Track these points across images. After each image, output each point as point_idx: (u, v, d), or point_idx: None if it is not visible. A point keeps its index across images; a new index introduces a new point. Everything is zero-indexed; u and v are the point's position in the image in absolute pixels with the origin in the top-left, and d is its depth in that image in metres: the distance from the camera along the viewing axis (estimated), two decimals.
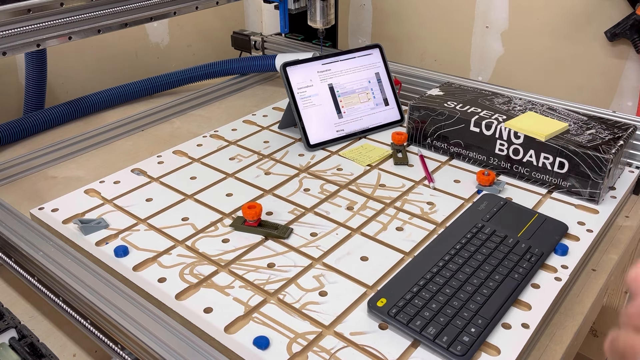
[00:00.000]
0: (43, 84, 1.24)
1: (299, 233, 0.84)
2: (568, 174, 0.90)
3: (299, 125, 1.08)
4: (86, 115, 1.28)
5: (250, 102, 1.35)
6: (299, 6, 1.34)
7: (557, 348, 0.68)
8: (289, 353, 0.63)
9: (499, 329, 0.66)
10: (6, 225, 0.81)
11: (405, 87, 1.28)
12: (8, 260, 0.82)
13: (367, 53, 1.17)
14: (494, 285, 0.71)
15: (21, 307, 0.82)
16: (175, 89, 1.39)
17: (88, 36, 1.07)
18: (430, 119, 1.03)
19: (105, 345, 0.69)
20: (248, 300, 0.71)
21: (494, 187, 0.93)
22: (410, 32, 1.54)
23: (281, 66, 1.08)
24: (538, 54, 1.35)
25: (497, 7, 1.38)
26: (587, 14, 1.26)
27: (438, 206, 0.90)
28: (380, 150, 1.07)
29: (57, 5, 1.00)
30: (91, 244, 0.81)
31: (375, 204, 0.91)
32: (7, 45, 0.96)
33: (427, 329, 0.64)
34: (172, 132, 1.20)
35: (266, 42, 1.54)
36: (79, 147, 1.12)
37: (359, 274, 0.75)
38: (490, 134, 0.97)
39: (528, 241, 0.79)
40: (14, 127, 1.16)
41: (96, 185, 0.96)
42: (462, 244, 0.78)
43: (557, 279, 0.74)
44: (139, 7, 1.13)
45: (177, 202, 0.92)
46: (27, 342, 0.66)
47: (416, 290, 0.70)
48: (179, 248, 0.81)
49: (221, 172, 1.00)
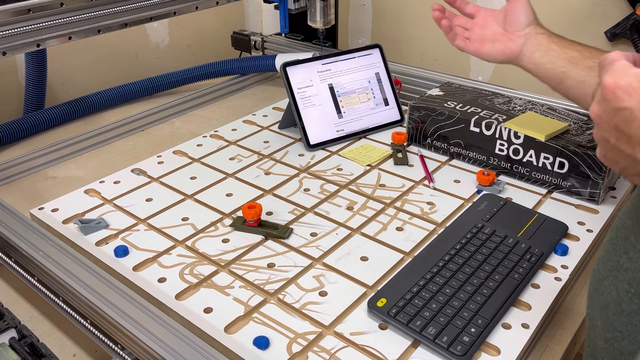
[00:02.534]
0: (43, 84, 1.24)
1: (299, 233, 0.84)
2: (568, 174, 0.90)
3: (299, 125, 1.08)
4: (86, 115, 1.28)
5: (250, 102, 1.35)
6: (299, 6, 1.34)
7: (557, 348, 0.68)
8: (289, 353, 0.63)
9: (499, 329, 0.66)
10: (6, 225, 0.81)
11: (405, 87, 1.28)
12: (8, 260, 0.82)
13: (367, 53, 1.17)
14: (494, 285, 0.71)
15: (21, 307, 0.82)
16: (175, 89, 1.39)
17: (88, 36, 1.07)
18: (430, 119, 1.03)
19: (105, 345, 0.69)
20: (248, 300, 0.71)
21: (494, 187, 0.93)
22: (410, 32, 1.54)
23: (281, 66, 1.08)
24: None
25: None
26: (587, 14, 1.26)
27: (438, 206, 0.90)
28: (380, 150, 1.07)
29: (57, 5, 1.00)
30: (91, 244, 0.81)
31: (375, 204, 0.91)
32: (7, 45, 0.96)
33: (427, 329, 0.64)
34: (172, 132, 1.20)
35: (266, 42, 1.54)
36: (78, 147, 1.12)
37: (359, 274, 0.75)
38: (490, 134, 0.97)
39: (528, 241, 0.79)
40: (14, 127, 1.16)
41: (96, 185, 0.96)
42: (462, 244, 0.78)
43: (557, 279, 0.74)
44: (139, 7, 1.13)
45: (177, 202, 0.92)
46: (27, 342, 0.66)
47: (416, 290, 0.70)
48: (179, 248, 0.81)
49: (221, 172, 1.00)
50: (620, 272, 0.45)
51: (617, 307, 0.45)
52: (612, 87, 0.41)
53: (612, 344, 0.46)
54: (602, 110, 0.43)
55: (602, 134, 0.45)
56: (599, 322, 0.48)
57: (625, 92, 0.41)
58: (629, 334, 0.44)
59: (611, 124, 0.43)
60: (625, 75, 0.41)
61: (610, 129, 0.43)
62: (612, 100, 0.42)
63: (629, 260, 0.44)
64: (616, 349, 0.46)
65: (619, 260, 0.45)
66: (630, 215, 0.46)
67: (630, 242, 0.44)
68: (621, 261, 0.45)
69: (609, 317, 0.46)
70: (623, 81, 0.41)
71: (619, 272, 0.45)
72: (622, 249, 0.45)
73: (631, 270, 0.44)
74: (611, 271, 0.46)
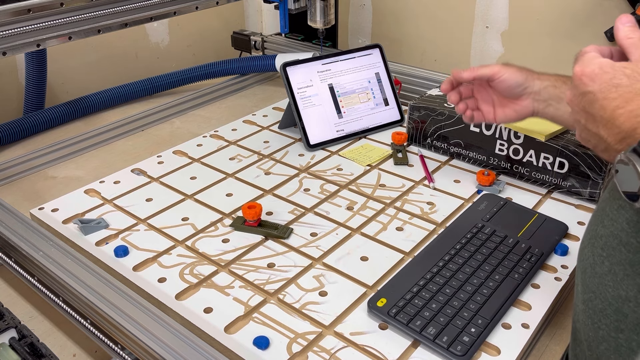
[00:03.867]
0: (43, 84, 1.24)
1: (299, 233, 0.84)
2: (568, 174, 0.90)
3: (299, 125, 1.08)
4: (86, 115, 1.28)
5: (250, 102, 1.35)
6: (299, 6, 1.34)
7: (557, 348, 0.68)
8: (289, 353, 0.63)
9: (499, 329, 0.66)
10: (6, 225, 0.81)
11: (405, 87, 1.28)
12: (8, 260, 0.82)
13: (367, 53, 1.17)
14: (494, 285, 0.71)
15: (21, 307, 0.82)
16: (175, 89, 1.39)
17: (88, 36, 1.07)
18: (430, 119, 1.03)
19: (105, 345, 0.69)
20: (248, 300, 0.71)
21: (494, 187, 0.93)
22: (410, 32, 1.54)
23: (281, 66, 1.08)
24: (538, 54, 1.35)
25: (497, 7, 1.38)
26: (587, 14, 1.26)
27: (438, 206, 0.90)
28: (380, 150, 1.07)
29: (57, 5, 1.00)
30: (91, 244, 0.81)
31: (375, 204, 0.91)
32: (7, 45, 0.96)
33: (427, 329, 0.64)
34: (172, 132, 1.20)
35: (266, 42, 1.54)
36: (78, 147, 1.12)
37: (359, 274, 0.75)
38: (490, 134, 0.97)
39: (528, 241, 0.79)
40: (14, 127, 1.16)
41: (96, 185, 0.96)
42: (462, 244, 0.78)
43: (557, 279, 0.74)
44: (139, 7, 1.13)
45: (177, 202, 0.92)
46: (27, 342, 0.66)
47: (416, 290, 0.70)
48: (179, 248, 0.81)
49: (221, 172, 1.00)
50: (596, 239, 0.49)
51: (592, 270, 0.49)
52: (579, 74, 0.49)
53: (588, 304, 0.50)
54: (573, 95, 0.50)
55: (575, 116, 0.52)
56: (580, 286, 0.52)
57: (589, 78, 0.48)
58: (600, 293, 0.48)
59: (580, 106, 0.50)
60: (591, 64, 0.48)
61: (580, 111, 0.50)
62: (579, 85, 0.49)
63: (604, 227, 0.48)
64: (590, 308, 0.50)
65: (596, 229, 0.50)
66: (608, 189, 0.50)
67: (605, 212, 0.49)
68: (597, 229, 0.49)
69: (585, 280, 0.51)
70: (588, 69, 0.48)
71: (596, 239, 0.49)
72: (599, 219, 0.49)
73: (604, 236, 0.48)
74: (590, 239, 0.50)
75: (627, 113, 0.45)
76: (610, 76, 0.47)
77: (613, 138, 0.46)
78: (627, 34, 0.50)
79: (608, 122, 0.46)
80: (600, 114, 0.47)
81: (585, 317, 0.51)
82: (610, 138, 0.47)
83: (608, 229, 0.48)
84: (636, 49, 0.48)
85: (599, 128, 0.48)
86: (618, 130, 0.45)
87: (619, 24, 0.50)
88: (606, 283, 0.48)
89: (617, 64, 0.48)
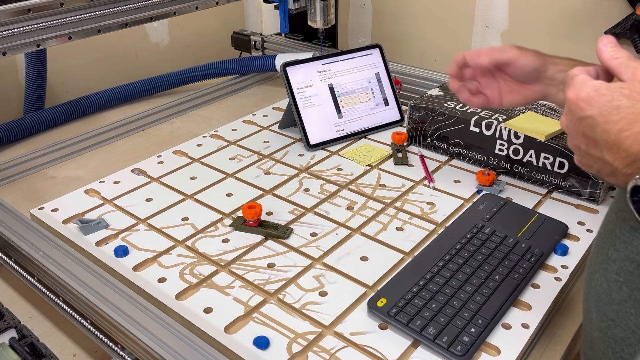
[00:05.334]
0: (43, 84, 1.24)
1: (299, 233, 0.84)
2: (568, 174, 0.90)
3: (299, 125, 1.08)
4: (86, 115, 1.28)
5: (250, 102, 1.35)
6: (299, 6, 1.34)
7: (557, 348, 0.68)
8: (289, 353, 0.63)
9: (499, 329, 0.66)
10: (6, 225, 0.81)
11: (405, 87, 1.28)
12: (8, 260, 0.82)
13: (367, 53, 1.17)
14: (494, 285, 0.71)
15: (21, 307, 0.82)
16: (175, 89, 1.39)
17: (88, 36, 1.07)
18: (430, 119, 1.03)
19: (105, 345, 0.69)
20: (248, 300, 0.71)
21: (494, 187, 0.93)
22: (410, 32, 1.54)
23: (281, 66, 1.08)
24: None
25: (497, 7, 1.38)
26: (587, 13, 1.26)
27: (438, 206, 0.90)
28: (380, 150, 1.07)
29: (57, 5, 1.00)
30: (91, 244, 0.81)
31: (375, 204, 0.91)
32: (7, 45, 0.96)
33: (427, 329, 0.64)
34: (172, 132, 1.20)
35: (266, 42, 1.54)
36: (78, 147, 1.12)
37: (359, 274, 0.75)
38: (490, 134, 0.97)
39: (528, 241, 0.79)
40: (14, 127, 1.16)
41: (96, 185, 0.96)
42: (462, 244, 0.78)
43: (557, 279, 0.74)
44: (139, 7, 1.13)
45: (177, 202, 0.92)
46: (27, 342, 0.66)
47: (416, 290, 0.70)
48: (179, 248, 0.81)
49: (221, 172, 1.00)
50: (609, 264, 0.47)
51: (608, 296, 0.48)
52: (574, 99, 0.47)
53: (606, 332, 0.48)
54: (569, 120, 0.48)
55: (573, 142, 0.50)
56: (594, 314, 0.50)
57: (586, 102, 0.46)
58: (621, 321, 0.46)
59: (579, 132, 0.48)
60: (585, 87, 0.46)
61: (579, 136, 0.48)
62: (576, 110, 0.47)
63: (616, 251, 0.47)
64: (610, 337, 0.48)
65: (607, 253, 0.48)
66: (615, 210, 0.49)
67: (615, 235, 0.47)
68: (609, 253, 0.48)
69: (601, 307, 0.49)
70: (583, 93, 0.46)
71: (608, 263, 0.47)
72: (609, 242, 0.48)
73: (618, 260, 0.46)
74: (601, 264, 0.49)
75: (633, 135, 0.43)
76: (608, 98, 0.45)
77: (620, 162, 0.44)
78: (612, 54, 0.49)
79: (613, 146, 0.44)
80: (603, 138, 0.45)
81: (605, 347, 0.49)
82: (617, 162, 0.45)
83: (622, 253, 0.46)
84: (627, 68, 0.47)
85: (603, 152, 0.46)
86: (626, 153, 0.44)
87: (601, 45, 0.49)
88: (627, 310, 0.46)
89: (612, 84, 0.46)
